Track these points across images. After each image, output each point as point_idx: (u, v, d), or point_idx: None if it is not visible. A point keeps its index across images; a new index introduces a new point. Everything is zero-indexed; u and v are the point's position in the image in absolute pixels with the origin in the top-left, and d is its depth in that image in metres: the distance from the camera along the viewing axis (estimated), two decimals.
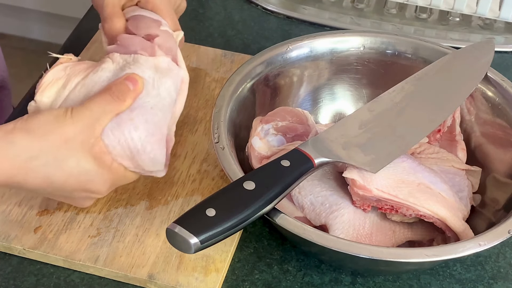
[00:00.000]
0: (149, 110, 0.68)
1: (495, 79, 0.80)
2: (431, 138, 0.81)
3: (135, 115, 0.68)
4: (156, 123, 0.68)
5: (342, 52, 0.85)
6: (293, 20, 1.08)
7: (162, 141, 0.68)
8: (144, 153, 0.67)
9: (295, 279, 0.73)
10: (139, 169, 0.69)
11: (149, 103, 0.68)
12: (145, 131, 0.67)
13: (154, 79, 0.70)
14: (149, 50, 0.71)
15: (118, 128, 0.67)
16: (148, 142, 0.67)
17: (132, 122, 0.67)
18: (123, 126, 0.67)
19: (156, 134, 0.68)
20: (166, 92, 0.70)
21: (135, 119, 0.67)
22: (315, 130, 0.76)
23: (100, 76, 0.70)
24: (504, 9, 1.04)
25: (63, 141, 0.65)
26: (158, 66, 0.70)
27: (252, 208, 0.63)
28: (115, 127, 0.67)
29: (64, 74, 0.70)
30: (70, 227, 0.74)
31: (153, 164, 0.68)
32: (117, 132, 0.67)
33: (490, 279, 0.74)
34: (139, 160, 0.68)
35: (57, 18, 2.16)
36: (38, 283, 0.71)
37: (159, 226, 0.75)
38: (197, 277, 0.71)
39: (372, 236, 0.71)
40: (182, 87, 0.72)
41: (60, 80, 0.70)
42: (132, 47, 0.72)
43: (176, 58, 0.72)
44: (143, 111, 0.68)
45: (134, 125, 0.67)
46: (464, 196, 0.75)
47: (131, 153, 0.67)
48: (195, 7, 1.09)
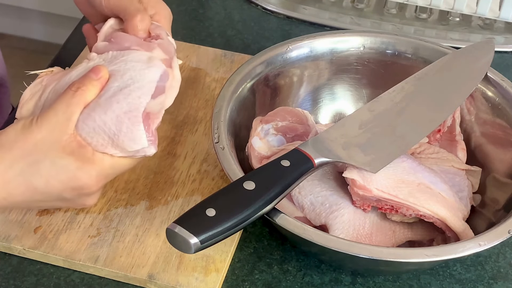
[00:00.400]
0: (118, 92, 0.66)
1: (495, 79, 0.80)
2: (431, 138, 0.81)
3: (103, 100, 0.66)
4: (130, 103, 0.66)
5: (342, 52, 0.85)
6: (293, 20, 1.08)
7: (137, 117, 0.66)
8: (121, 134, 0.66)
9: (295, 279, 0.73)
10: (125, 153, 0.67)
11: (118, 87, 0.67)
12: (116, 111, 0.66)
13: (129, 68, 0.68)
14: (145, 47, 0.70)
15: (89, 116, 0.66)
16: (122, 122, 0.66)
17: (101, 107, 0.66)
18: (93, 113, 0.66)
19: (129, 111, 0.66)
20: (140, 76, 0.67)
21: (103, 103, 0.66)
22: (315, 130, 0.76)
23: (70, 76, 0.69)
24: (504, 9, 1.04)
25: (32, 145, 0.65)
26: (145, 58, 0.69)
27: (252, 208, 0.63)
28: (86, 117, 0.66)
29: (41, 86, 0.70)
30: (70, 227, 0.74)
31: (135, 143, 0.66)
32: (89, 121, 0.66)
33: (490, 279, 0.74)
34: (120, 143, 0.66)
35: (57, 18, 2.16)
36: (38, 283, 0.71)
37: (159, 226, 0.75)
38: (197, 277, 0.71)
39: (372, 236, 0.71)
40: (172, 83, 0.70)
41: (38, 92, 0.70)
42: (126, 43, 0.70)
43: (172, 60, 0.71)
44: (111, 94, 0.66)
45: (103, 109, 0.66)
46: (464, 196, 0.75)
47: (109, 138, 0.66)
48: (195, 7, 1.09)
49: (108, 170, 0.68)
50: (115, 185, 0.79)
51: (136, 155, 0.68)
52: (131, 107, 0.66)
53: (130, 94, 0.66)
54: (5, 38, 2.23)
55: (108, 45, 0.71)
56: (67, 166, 0.65)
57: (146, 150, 0.68)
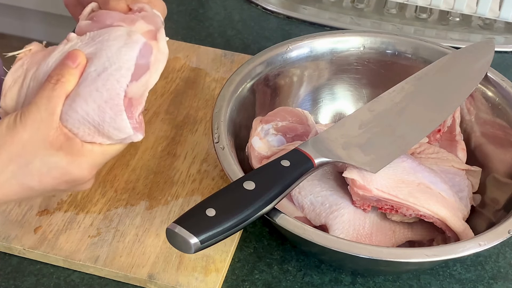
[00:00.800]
0: (96, 78, 0.64)
1: (495, 79, 0.80)
2: (431, 138, 0.81)
3: (81, 89, 0.64)
4: (109, 89, 0.64)
5: (342, 52, 0.85)
6: (293, 20, 1.08)
7: (119, 106, 0.64)
8: (105, 123, 0.64)
9: (295, 279, 0.73)
10: (112, 140, 0.66)
11: (95, 72, 0.65)
12: (97, 100, 0.64)
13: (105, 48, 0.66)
14: (128, 21, 0.67)
15: (71, 108, 0.64)
16: (104, 112, 0.64)
17: (81, 97, 0.64)
18: (74, 104, 0.64)
19: (110, 100, 0.64)
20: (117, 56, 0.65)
21: (82, 92, 0.64)
22: (315, 130, 0.76)
23: (48, 63, 0.67)
24: (504, 9, 1.04)
25: (20, 147, 0.64)
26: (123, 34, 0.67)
27: (252, 208, 0.63)
28: (68, 108, 0.64)
29: (22, 70, 0.68)
30: (70, 227, 0.74)
31: (120, 131, 0.65)
32: (71, 112, 0.64)
33: (490, 279, 0.74)
34: (105, 132, 0.65)
35: (57, 18, 2.16)
36: (38, 283, 0.71)
37: (159, 226, 0.75)
38: (197, 277, 0.71)
39: (372, 236, 0.71)
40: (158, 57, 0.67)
41: (20, 78, 0.68)
42: (108, 20, 0.68)
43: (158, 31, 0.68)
44: (89, 82, 0.64)
45: (84, 98, 0.64)
46: (464, 196, 0.75)
47: (95, 127, 0.65)
48: (195, 7, 1.09)
49: (98, 158, 0.67)
50: (115, 185, 0.79)
51: (123, 141, 0.67)
52: (111, 94, 0.64)
53: (108, 79, 0.64)
54: (5, 38, 2.22)
55: (91, 24, 0.69)
56: (58, 162, 0.65)
57: (132, 137, 0.66)
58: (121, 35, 0.66)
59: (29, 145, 0.64)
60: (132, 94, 0.65)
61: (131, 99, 0.66)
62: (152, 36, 0.68)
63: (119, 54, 0.65)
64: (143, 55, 0.66)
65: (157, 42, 0.67)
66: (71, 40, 0.68)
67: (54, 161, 0.65)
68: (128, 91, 0.65)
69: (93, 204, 0.77)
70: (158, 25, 0.69)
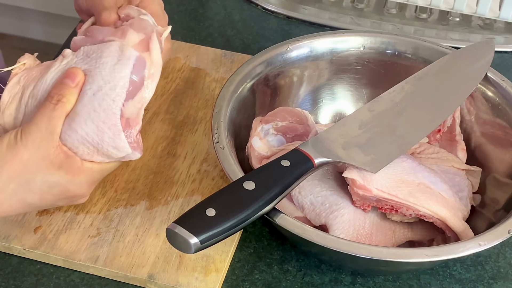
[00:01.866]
0: (92, 98, 0.65)
1: (495, 79, 0.80)
2: (431, 138, 0.81)
3: (80, 109, 0.65)
4: (106, 109, 0.65)
5: (342, 52, 0.85)
6: (293, 20, 1.08)
7: (117, 126, 0.65)
8: (104, 143, 0.66)
9: (295, 279, 0.73)
10: (112, 159, 0.67)
11: (91, 90, 0.65)
12: (95, 121, 0.65)
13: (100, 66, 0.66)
14: (119, 34, 0.68)
15: (70, 128, 0.65)
16: (103, 132, 0.65)
17: (80, 117, 0.65)
18: (74, 124, 0.65)
19: (108, 120, 0.65)
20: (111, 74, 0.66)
21: (80, 112, 0.65)
22: (315, 130, 0.76)
23: (46, 80, 0.68)
24: (504, 9, 1.04)
25: (21, 166, 0.64)
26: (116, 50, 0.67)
27: (252, 208, 0.63)
28: (67, 128, 0.65)
29: (19, 87, 0.69)
30: (70, 227, 0.74)
31: (119, 151, 0.66)
32: (71, 132, 0.65)
33: (490, 279, 0.74)
34: (104, 151, 0.66)
35: (57, 18, 2.16)
36: (38, 283, 0.71)
37: (159, 226, 0.75)
38: (197, 277, 0.71)
39: (372, 236, 0.71)
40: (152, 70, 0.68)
41: (17, 94, 0.68)
42: (100, 35, 0.69)
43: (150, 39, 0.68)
44: (86, 101, 0.65)
45: (83, 119, 0.65)
46: (464, 196, 0.75)
47: (94, 147, 0.66)
48: (195, 7, 1.09)
49: (97, 176, 0.68)
50: (115, 185, 0.79)
51: (122, 160, 0.68)
52: (108, 114, 0.65)
53: (104, 99, 0.65)
54: (5, 38, 2.22)
55: (84, 39, 0.70)
56: (58, 181, 0.66)
57: (131, 156, 0.68)
58: (114, 50, 0.67)
59: (29, 164, 0.65)
60: (128, 114, 0.67)
61: (128, 120, 0.67)
62: (144, 47, 0.68)
63: (113, 72, 0.66)
64: (137, 71, 0.67)
65: (150, 53, 0.68)
66: (66, 57, 0.69)
67: (55, 180, 0.66)
68: (125, 111, 0.66)
69: (93, 204, 0.77)
70: (148, 31, 0.69)
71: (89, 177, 0.67)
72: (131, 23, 0.69)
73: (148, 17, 0.71)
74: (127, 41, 0.68)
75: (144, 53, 0.68)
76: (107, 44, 0.68)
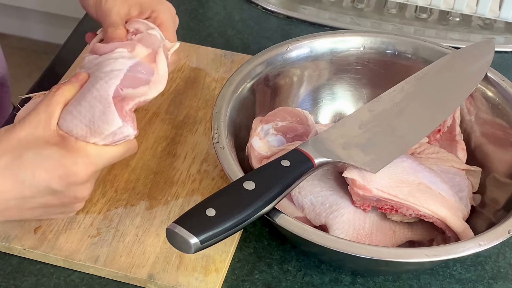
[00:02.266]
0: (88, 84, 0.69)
1: (495, 79, 0.80)
2: (431, 138, 0.81)
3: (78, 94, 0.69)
4: (99, 88, 0.68)
5: (342, 52, 0.85)
6: (293, 20, 1.08)
7: (107, 98, 0.67)
8: (95, 118, 0.67)
9: (295, 279, 0.73)
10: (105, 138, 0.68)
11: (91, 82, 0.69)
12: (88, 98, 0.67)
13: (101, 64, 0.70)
14: (128, 47, 0.72)
15: (66, 111, 0.68)
16: (94, 107, 0.67)
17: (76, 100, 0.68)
18: (70, 108, 0.68)
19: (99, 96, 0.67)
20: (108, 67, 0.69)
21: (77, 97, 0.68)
22: (315, 130, 0.76)
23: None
24: (504, 9, 1.04)
25: (15, 142, 0.66)
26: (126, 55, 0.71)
27: (252, 208, 0.63)
28: (64, 112, 0.68)
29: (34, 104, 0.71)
30: (70, 227, 0.74)
31: (109, 124, 0.67)
32: (66, 115, 0.68)
33: (490, 279, 0.74)
34: (96, 128, 0.67)
35: (57, 18, 2.16)
36: (38, 283, 0.71)
37: (159, 226, 0.75)
38: (197, 277, 0.71)
39: (372, 236, 0.71)
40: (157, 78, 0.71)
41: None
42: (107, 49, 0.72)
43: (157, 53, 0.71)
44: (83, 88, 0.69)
45: (78, 100, 0.68)
46: (464, 196, 0.75)
47: (87, 126, 0.67)
48: (195, 7, 1.09)
49: (94, 158, 0.68)
50: (115, 185, 0.79)
51: (116, 139, 0.68)
52: (101, 92, 0.68)
53: (98, 82, 0.68)
54: (5, 38, 2.22)
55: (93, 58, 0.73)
56: (51, 154, 0.66)
57: (123, 131, 0.68)
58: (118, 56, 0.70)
59: (24, 141, 0.66)
60: (125, 94, 0.68)
61: (124, 98, 0.69)
62: (151, 60, 0.71)
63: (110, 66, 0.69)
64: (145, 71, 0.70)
65: (156, 65, 0.71)
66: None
67: (48, 154, 0.66)
68: (123, 94, 0.68)
69: (93, 204, 0.77)
70: (155, 46, 0.73)
71: (84, 156, 0.67)
72: (139, 38, 0.73)
73: (156, 32, 0.74)
74: (135, 54, 0.71)
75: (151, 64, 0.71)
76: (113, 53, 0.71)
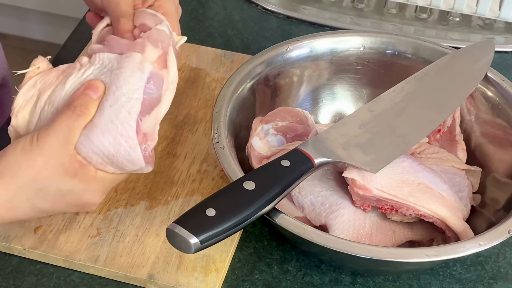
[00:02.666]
0: (109, 109, 0.66)
1: (495, 79, 0.80)
2: (431, 138, 0.81)
3: (97, 120, 0.66)
4: (122, 121, 0.66)
5: (342, 52, 0.85)
6: (293, 20, 1.08)
7: (133, 139, 0.66)
8: (119, 156, 0.66)
9: (295, 279, 0.73)
10: (124, 171, 0.68)
11: (107, 102, 0.66)
12: (112, 132, 0.66)
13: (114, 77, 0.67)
14: (138, 48, 0.68)
15: (87, 138, 0.66)
16: (120, 144, 0.66)
17: (97, 128, 0.66)
18: (91, 134, 0.66)
19: (125, 132, 0.66)
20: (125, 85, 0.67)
21: (98, 124, 0.66)
22: (315, 130, 0.76)
23: (64, 88, 0.68)
24: (504, 9, 1.04)
25: (36, 172, 0.64)
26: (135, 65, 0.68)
27: (252, 208, 0.63)
28: (84, 138, 0.65)
29: (34, 90, 0.69)
30: (70, 227, 0.74)
31: (133, 164, 0.67)
32: (87, 142, 0.65)
33: (490, 279, 0.74)
34: (119, 164, 0.67)
35: (57, 18, 2.16)
36: (38, 283, 0.71)
37: (159, 226, 0.75)
38: (197, 277, 0.71)
39: (372, 236, 0.71)
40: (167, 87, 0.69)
41: (32, 98, 0.69)
42: (118, 49, 0.69)
43: (167, 54, 0.69)
44: (103, 113, 0.66)
45: (100, 130, 0.66)
46: (464, 196, 0.75)
47: (108, 159, 0.66)
48: (195, 7, 1.09)
49: (109, 185, 0.69)
50: None
51: (134, 172, 0.69)
52: (125, 127, 0.66)
53: (120, 111, 0.66)
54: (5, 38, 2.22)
55: (102, 48, 0.70)
56: (72, 189, 0.66)
57: (143, 169, 0.68)
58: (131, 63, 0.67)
59: (44, 170, 0.64)
60: (145, 128, 0.68)
61: (145, 134, 0.67)
62: (162, 64, 0.69)
63: (127, 84, 0.67)
64: (153, 86, 0.68)
65: (168, 70, 0.69)
66: (84, 65, 0.69)
67: (69, 188, 0.66)
68: (142, 126, 0.67)
69: None
70: (165, 45, 0.70)
71: (102, 186, 0.68)
72: (148, 36, 0.69)
73: (165, 26, 0.71)
74: (145, 57, 0.68)
75: (162, 70, 0.68)
76: (123, 57, 0.68)
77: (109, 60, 0.68)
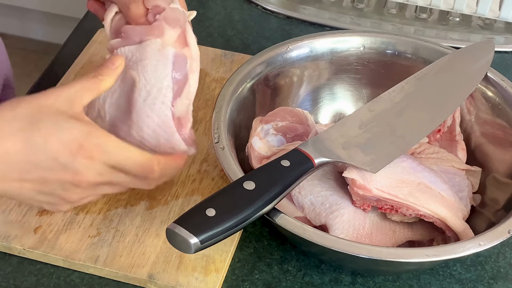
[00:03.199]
0: (143, 104, 0.67)
1: (495, 79, 0.80)
2: (431, 138, 0.81)
3: (135, 117, 0.68)
4: (158, 113, 0.67)
5: (342, 52, 0.85)
6: (293, 20, 1.08)
7: (171, 127, 0.68)
8: (161, 145, 0.68)
9: (295, 279, 0.73)
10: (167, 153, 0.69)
11: (140, 97, 0.68)
12: (150, 126, 0.67)
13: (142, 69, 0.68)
14: (156, 32, 0.68)
15: (129, 135, 0.68)
16: (159, 135, 0.68)
17: (136, 125, 0.68)
18: (132, 131, 0.68)
19: (162, 123, 0.68)
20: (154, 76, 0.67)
21: (136, 121, 0.68)
22: (315, 130, 0.76)
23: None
24: (504, 9, 1.04)
25: (37, 107, 0.63)
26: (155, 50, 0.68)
27: (252, 208, 0.63)
28: (126, 136, 0.68)
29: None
30: (70, 227, 0.74)
31: (175, 150, 0.68)
32: (130, 139, 0.68)
33: (490, 279, 0.74)
34: (162, 152, 0.68)
35: (57, 18, 2.16)
36: (38, 283, 0.71)
37: (159, 226, 0.75)
38: (197, 277, 0.71)
39: (372, 236, 0.71)
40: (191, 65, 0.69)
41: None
42: (136, 36, 0.69)
43: (185, 32, 0.69)
44: (138, 109, 0.68)
45: (139, 126, 0.68)
46: (464, 196, 0.75)
47: (152, 150, 0.68)
48: (195, 7, 1.09)
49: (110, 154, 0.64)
50: None
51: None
52: (162, 117, 0.67)
53: (154, 103, 0.67)
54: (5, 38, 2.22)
55: (120, 42, 0.70)
56: (71, 127, 0.63)
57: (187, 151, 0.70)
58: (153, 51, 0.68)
59: (46, 109, 0.63)
60: (178, 112, 0.69)
61: (179, 118, 0.69)
62: (183, 43, 0.69)
63: (155, 74, 0.68)
64: (178, 68, 0.68)
65: (189, 47, 0.69)
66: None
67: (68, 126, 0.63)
68: (175, 110, 0.68)
69: (93, 204, 0.76)
70: (182, 23, 0.70)
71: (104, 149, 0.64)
72: (164, 17, 0.69)
73: (176, 4, 0.70)
74: (165, 39, 0.68)
75: (183, 48, 0.69)
76: (144, 45, 0.68)
77: (131, 52, 0.69)
